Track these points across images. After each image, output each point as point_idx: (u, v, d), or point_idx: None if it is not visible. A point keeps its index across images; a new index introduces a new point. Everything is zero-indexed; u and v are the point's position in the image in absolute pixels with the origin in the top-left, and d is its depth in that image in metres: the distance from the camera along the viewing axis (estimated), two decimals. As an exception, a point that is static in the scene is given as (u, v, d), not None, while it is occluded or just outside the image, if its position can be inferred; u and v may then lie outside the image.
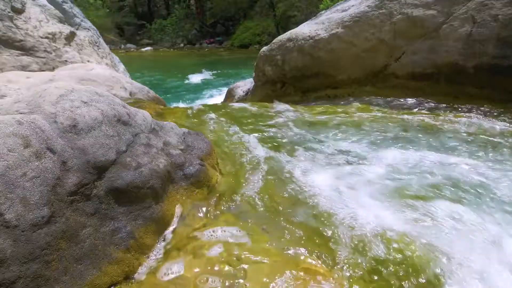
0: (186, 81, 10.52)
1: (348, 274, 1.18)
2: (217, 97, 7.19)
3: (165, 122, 1.85)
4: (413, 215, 1.42)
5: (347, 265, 1.21)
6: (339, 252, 1.27)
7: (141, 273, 1.22)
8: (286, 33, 3.92)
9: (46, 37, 3.83)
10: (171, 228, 1.42)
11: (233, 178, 1.79)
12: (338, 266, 1.21)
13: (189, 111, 2.76)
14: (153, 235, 1.34)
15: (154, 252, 1.31)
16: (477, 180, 1.66)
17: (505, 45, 2.64)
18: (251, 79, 4.54)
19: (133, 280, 1.19)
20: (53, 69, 3.65)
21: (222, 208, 1.56)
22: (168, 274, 1.22)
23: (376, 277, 1.15)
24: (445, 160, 1.87)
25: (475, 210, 1.44)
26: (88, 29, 4.74)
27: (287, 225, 1.44)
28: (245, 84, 4.81)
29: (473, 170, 1.76)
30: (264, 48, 4.09)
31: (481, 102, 2.71)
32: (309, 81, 3.66)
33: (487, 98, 2.72)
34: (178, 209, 1.49)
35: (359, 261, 1.22)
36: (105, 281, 1.14)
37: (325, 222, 1.43)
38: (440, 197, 1.54)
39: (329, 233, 1.37)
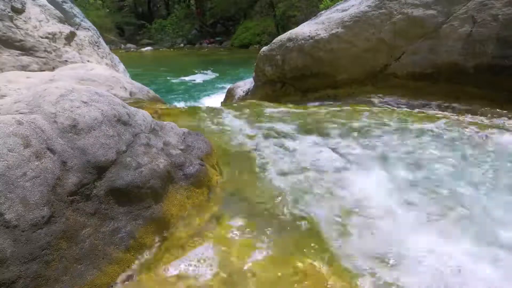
0: (186, 81, 10.52)
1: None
2: (217, 97, 7.19)
3: (165, 122, 1.85)
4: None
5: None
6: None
7: (141, 273, 1.22)
8: (286, 33, 3.91)
9: (46, 37, 3.83)
10: (171, 228, 1.42)
11: (234, 179, 1.78)
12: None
13: (189, 111, 2.76)
14: (153, 235, 1.34)
15: (154, 252, 1.31)
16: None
17: (505, 45, 2.64)
18: (251, 79, 4.54)
19: (133, 280, 1.19)
20: (53, 69, 3.65)
21: (222, 208, 1.56)
22: (168, 274, 1.22)
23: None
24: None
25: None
26: (88, 29, 4.74)
27: (286, 226, 1.44)
28: (245, 84, 4.80)
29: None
30: (264, 48, 4.08)
31: (481, 102, 2.71)
32: (309, 81, 3.66)
33: (487, 98, 2.72)
34: (178, 209, 1.49)
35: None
36: (105, 281, 1.15)
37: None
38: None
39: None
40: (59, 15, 4.25)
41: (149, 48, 20.79)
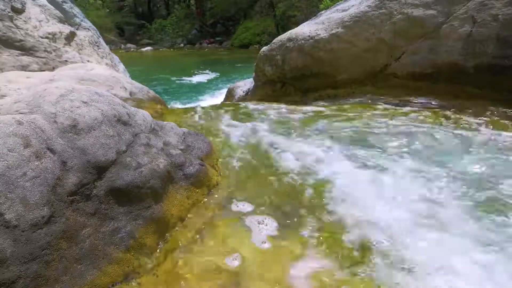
0: (186, 81, 10.52)
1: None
2: (217, 97, 7.19)
3: (165, 122, 1.85)
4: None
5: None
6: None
7: (141, 273, 1.22)
8: (286, 33, 3.91)
9: (46, 37, 3.83)
10: (171, 228, 1.42)
11: (233, 179, 1.78)
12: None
13: (189, 111, 2.76)
14: (153, 235, 1.34)
15: (154, 252, 1.31)
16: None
17: (505, 45, 2.64)
18: (251, 79, 4.54)
19: (133, 280, 1.19)
20: (53, 69, 3.65)
21: (222, 208, 1.56)
22: (168, 274, 1.22)
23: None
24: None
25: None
26: (88, 29, 4.74)
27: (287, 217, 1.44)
28: (245, 84, 4.80)
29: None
30: (264, 48, 4.08)
31: (481, 102, 2.71)
32: (309, 81, 3.66)
33: (487, 98, 2.72)
34: (178, 209, 1.48)
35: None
36: (105, 281, 1.14)
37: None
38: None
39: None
40: (59, 15, 4.24)
41: (149, 48, 20.80)
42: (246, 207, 1.55)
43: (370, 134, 2.21)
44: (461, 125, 2.32)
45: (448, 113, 2.55)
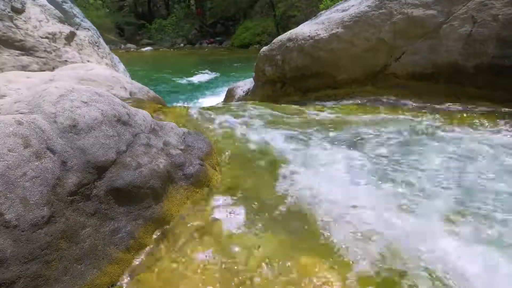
0: (186, 81, 10.52)
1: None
2: (217, 97, 7.19)
3: (165, 122, 1.85)
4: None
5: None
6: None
7: (141, 273, 1.22)
8: (286, 33, 3.91)
9: (46, 37, 3.83)
10: (170, 228, 1.42)
11: (234, 179, 1.78)
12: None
13: (189, 111, 2.76)
14: (153, 235, 1.34)
15: (153, 252, 1.31)
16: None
17: (505, 45, 2.64)
18: (251, 79, 4.54)
19: (133, 280, 1.19)
20: (53, 69, 3.65)
21: (222, 208, 1.56)
22: (168, 274, 1.22)
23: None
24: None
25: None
26: (88, 29, 4.74)
27: (281, 223, 1.44)
28: (245, 84, 4.81)
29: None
30: (264, 48, 4.08)
31: (481, 102, 2.71)
32: (309, 81, 3.66)
33: (487, 98, 2.72)
34: (178, 209, 1.49)
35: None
36: (105, 281, 1.15)
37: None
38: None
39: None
40: (59, 15, 4.24)
41: (149, 48, 20.81)
42: (238, 200, 1.56)
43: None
44: (418, 116, 2.49)
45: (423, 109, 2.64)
